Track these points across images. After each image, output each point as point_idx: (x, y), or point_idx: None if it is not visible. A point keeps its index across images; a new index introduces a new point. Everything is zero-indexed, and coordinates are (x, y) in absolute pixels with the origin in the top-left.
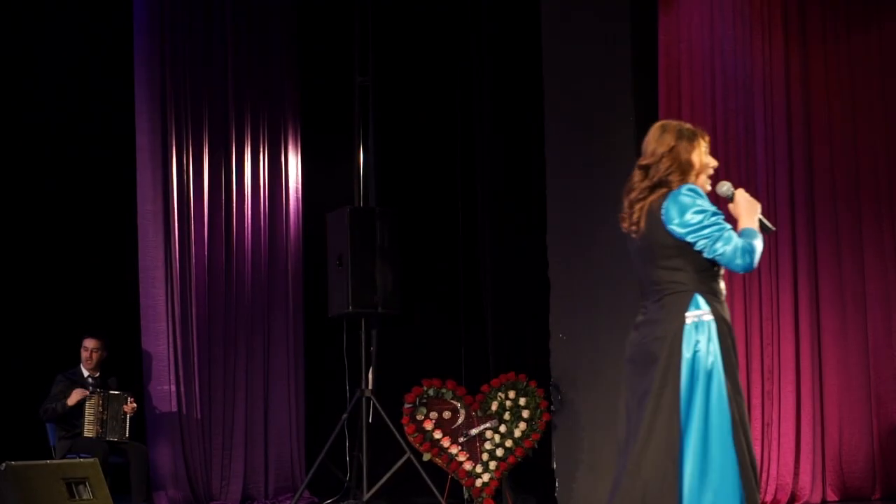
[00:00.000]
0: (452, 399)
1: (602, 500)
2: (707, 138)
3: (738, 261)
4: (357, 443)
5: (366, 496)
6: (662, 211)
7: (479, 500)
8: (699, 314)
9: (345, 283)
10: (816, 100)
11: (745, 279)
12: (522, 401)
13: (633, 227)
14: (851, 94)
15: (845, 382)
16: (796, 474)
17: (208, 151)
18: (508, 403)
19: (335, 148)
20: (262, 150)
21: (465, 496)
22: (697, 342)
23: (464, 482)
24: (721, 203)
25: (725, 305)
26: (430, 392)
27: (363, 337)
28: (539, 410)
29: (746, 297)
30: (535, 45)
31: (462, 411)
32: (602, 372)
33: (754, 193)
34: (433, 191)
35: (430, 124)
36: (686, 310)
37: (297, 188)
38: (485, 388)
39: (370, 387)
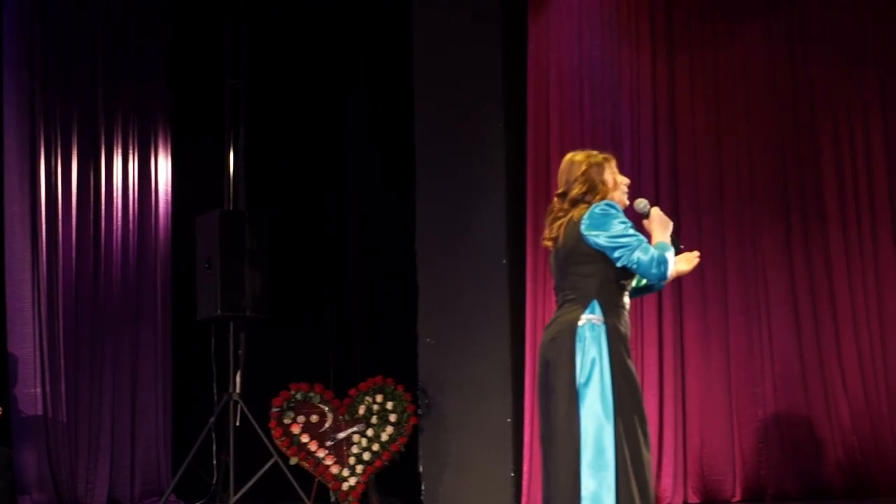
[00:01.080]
0: (320, 403)
1: (467, 501)
2: (614, 160)
3: (654, 270)
4: (224, 446)
5: (232, 500)
6: (582, 223)
7: (346, 503)
8: (592, 318)
9: (213, 286)
10: (681, 109)
11: None
12: (390, 404)
13: (552, 242)
14: (716, 104)
15: (707, 386)
16: (658, 476)
17: (77, 153)
18: (376, 407)
19: (205, 151)
20: (131, 152)
21: (332, 500)
22: (586, 345)
23: (331, 486)
24: (637, 218)
25: (626, 320)
26: (298, 396)
27: (231, 340)
28: (406, 414)
29: None
30: (407, 50)
31: (329, 415)
32: (469, 375)
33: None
34: (303, 195)
35: (302, 128)
36: (582, 313)
37: (166, 191)
38: (352, 391)
39: (238, 390)
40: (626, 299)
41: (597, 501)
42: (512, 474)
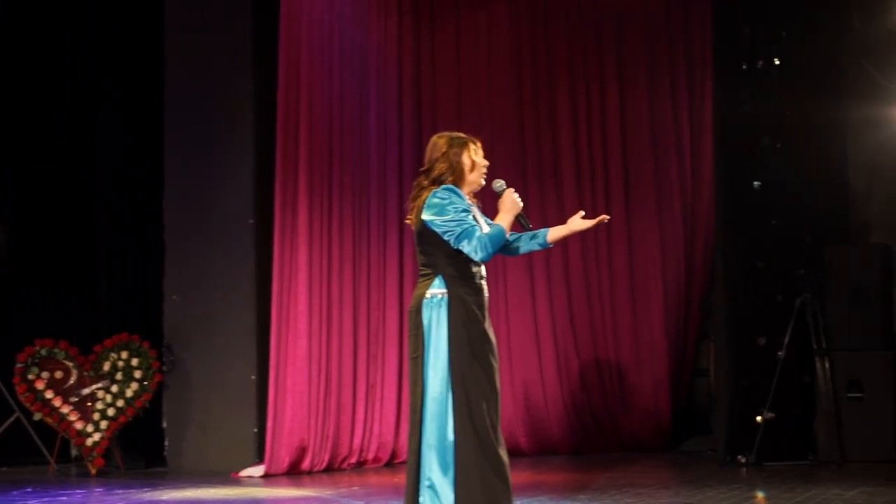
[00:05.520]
0: (65, 359)
1: (211, 458)
2: (478, 143)
3: (478, 253)
4: None
5: None
6: (424, 206)
7: (90, 459)
8: (436, 292)
9: None
10: (425, 74)
11: (345, 251)
12: (135, 361)
13: (410, 220)
14: (456, 70)
15: None
16: (397, 433)
17: None
18: (121, 364)
19: None
20: None
21: (74, 455)
22: (430, 316)
23: (74, 441)
24: (495, 197)
25: (478, 287)
26: (43, 352)
27: None
28: (151, 371)
29: (356, 266)
30: (158, 15)
31: (74, 371)
32: (214, 333)
33: (364, 161)
34: (51, 150)
35: (53, 83)
36: (429, 288)
37: None
38: (97, 348)
39: None
40: (479, 269)
41: (432, 462)
42: (255, 430)
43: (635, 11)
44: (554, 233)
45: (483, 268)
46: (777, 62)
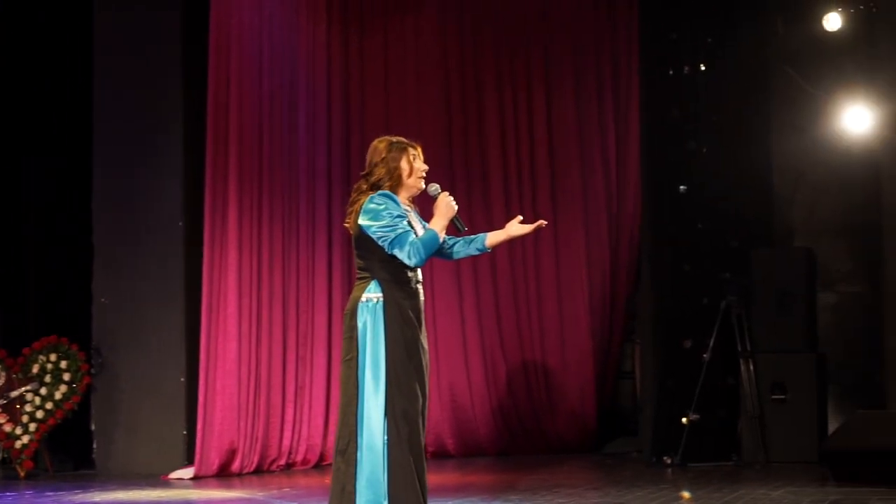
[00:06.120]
0: None
1: (140, 460)
2: (419, 148)
3: (411, 259)
4: None
5: None
6: (361, 210)
7: (18, 461)
8: (372, 296)
9: None
10: (354, 78)
11: (275, 254)
12: (63, 363)
13: (348, 224)
14: (385, 74)
15: None
16: (325, 435)
17: None
18: (49, 366)
19: None
20: None
21: (2, 457)
22: (365, 320)
23: (3, 444)
24: (432, 200)
25: (413, 292)
26: None
27: None
28: (80, 373)
29: (285, 269)
30: (87, 15)
31: (3, 374)
32: (142, 336)
33: (294, 164)
34: None
35: None
36: (365, 291)
37: None
38: (26, 350)
39: None
40: (415, 273)
41: (364, 462)
42: (184, 432)
43: (562, 19)
44: (492, 237)
45: (419, 272)
46: (703, 68)
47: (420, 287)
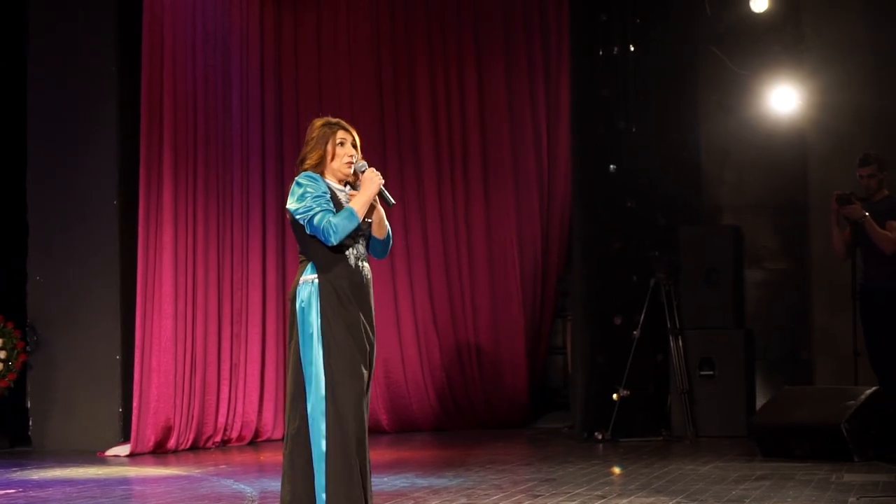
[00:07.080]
0: None
1: (76, 437)
2: (352, 132)
3: (329, 238)
4: None
5: None
6: (290, 194)
7: None
8: (308, 278)
9: None
10: (287, 55)
11: (209, 232)
12: None
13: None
14: (318, 52)
15: None
16: (260, 412)
17: None
18: None
19: None
20: None
21: None
22: (303, 301)
23: None
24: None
25: (354, 269)
26: None
27: None
28: (15, 351)
29: (220, 247)
30: None
31: None
32: (78, 314)
33: (228, 141)
34: None
35: None
36: (303, 274)
37: None
38: None
39: None
40: (351, 252)
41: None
42: (120, 409)
43: None
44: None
45: (360, 248)
46: (632, 48)
47: (363, 263)
